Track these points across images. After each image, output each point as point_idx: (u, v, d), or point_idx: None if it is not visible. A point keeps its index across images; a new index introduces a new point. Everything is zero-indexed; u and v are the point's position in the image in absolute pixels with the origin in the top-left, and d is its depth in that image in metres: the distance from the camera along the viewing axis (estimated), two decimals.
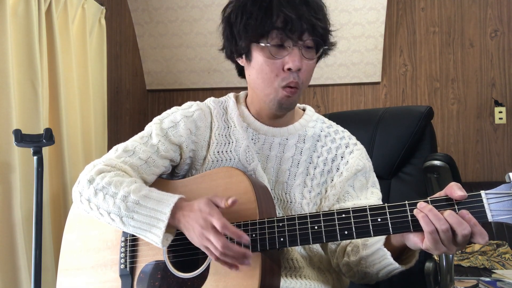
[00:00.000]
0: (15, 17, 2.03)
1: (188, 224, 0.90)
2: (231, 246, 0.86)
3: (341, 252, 1.06)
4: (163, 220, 0.91)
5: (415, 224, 0.82)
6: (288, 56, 1.00)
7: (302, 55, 1.01)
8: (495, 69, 3.06)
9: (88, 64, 2.56)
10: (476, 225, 0.77)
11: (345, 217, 0.87)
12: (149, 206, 0.93)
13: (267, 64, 1.01)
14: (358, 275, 1.02)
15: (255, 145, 1.11)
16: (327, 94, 3.28)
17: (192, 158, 1.11)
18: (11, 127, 1.90)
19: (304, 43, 1.01)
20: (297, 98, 1.06)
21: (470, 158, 3.08)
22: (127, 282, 1.04)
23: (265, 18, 0.98)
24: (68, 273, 1.14)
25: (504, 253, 2.48)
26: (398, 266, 0.92)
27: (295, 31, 0.98)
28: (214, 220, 0.87)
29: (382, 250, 0.92)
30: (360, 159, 1.11)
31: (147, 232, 0.94)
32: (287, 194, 1.08)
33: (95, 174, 1.02)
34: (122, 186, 0.97)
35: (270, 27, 0.98)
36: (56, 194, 2.30)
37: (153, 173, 1.07)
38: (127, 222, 0.95)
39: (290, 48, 1.00)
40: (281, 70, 1.01)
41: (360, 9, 3.02)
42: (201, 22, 3.16)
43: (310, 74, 1.06)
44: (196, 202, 0.92)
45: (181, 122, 1.10)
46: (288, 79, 1.01)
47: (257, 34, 1.00)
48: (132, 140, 1.10)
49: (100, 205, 0.98)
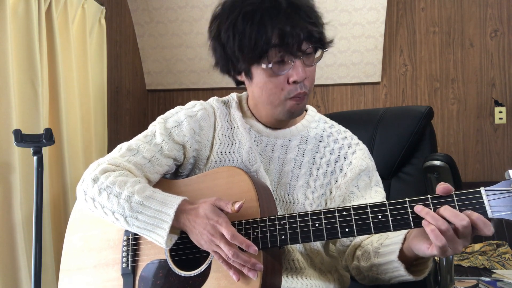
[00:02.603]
0: (15, 17, 2.02)
1: (195, 229, 0.91)
2: (241, 255, 0.87)
3: (350, 255, 1.06)
4: (167, 221, 0.92)
5: (415, 221, 0.82)
6: (292, 70, 0.98)
7: (304, 64, 0.99)
8: (495, 69, 3.06)
9: (88, 64, 2.55)
10: (478, 218, 0.76)
11: (345, 214, 0.87)
12: (153, 207, 0.94)
13: (271, 81, 0.99)
14: (368, 279, 1.02)
15: (257, 146, 1.11)
16: (327, 94, 3.28)
17: (195, 158, 1.11)
18: (11, 127, 1.90)
19: (304, 52, 0.98)
20: (306, 102, 1.05)
21: (470, 158, 3.08)
22: (129, 281, 1.05)
23: (259, 36, 0.94)
24: (70, 273, 1.14)
25: (504, 253, 2.48)
26: (411, 279, 0.91)
27: (294, 44, 0.95)
28: (223, 229, 0.88)
29: (397, 262, 0.91)
30: (363, 159, 1.11)
31: (151, 233, 0.94)
32: (289, 195, 1.08)
33: (99, 173, 1.02)
34: (126, 186, 0.97)
35: (267, 46, 0.95)
36: (56, 194, 2.30)
37: (156, 172, 1.07)
38: (131, 222, 0.96)
39: (292, 61, 0.98)
40: (286, 84, 0.99)
41: (360, 9, 3.01)
42: (201, 22, 3.16)
43: (314, 78, 1.05)
44: (201, 206, 0.92)
45: (184, 121, 1.09)
46: (295, 91, 1.00)
47: (256, 55, 0.96)
48: (136, 139, 1.10)
49: (104, 204, 0.98)
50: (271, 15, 0.94)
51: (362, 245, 1.04)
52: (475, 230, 0.77)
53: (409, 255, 0.90)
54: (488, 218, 0.78)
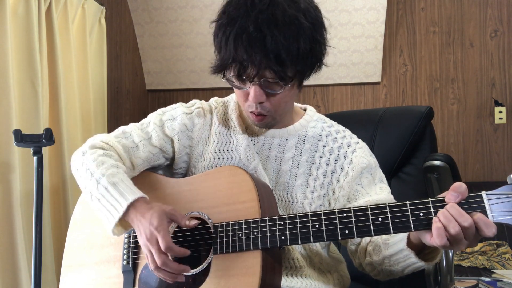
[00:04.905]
0: (15, 17, 2.03)
1: (138, 228, 0.96)
2: (170, 264, 0.92)
3: (362, 252, 1.06)
4: (119, 212, 0.96)
5: (416, 224, 0.82)
6: (250, 89, 0.98)
7: (264, 90, 0.97)
8: (495, 69, 3.06)
9: (88, 64, 2.56)
10: (479, 218, 0.77)
11: (346, 216, 0.87)
12: (113, 195, 0.98)
13: (237, 90, 1.04)
14: (383, 273, 1.02)
15: (254, 145, 1.11)
16: (327, 94, 3.28)
17: (189, 155, 1.14)
18: (11, 127, 1.90)
19: (264, 79, 0.95)
20: (272, 120, 1.05)
21: (470, 158, 3.08)
22: (129, 278, 1.05)
23: (224, 49, 0.95)
24: (72, 269, 1.15)
25: (504, 253, 2.48)
26: (423, 264, 0.92)
27: (249, 72, 0.94)
28: (160, 238, 0.92)
29: (406, 250, 0.92)
30: (363, 157, 1.11)
31: (105, 218, 0.99)
32: (288, 194, 1.09)
33: (88, 148, 1.10)
34: (102, 167, 1.02)
35: (227, 61, 0.96)
36: (56, 194, 2.30)
37: (139, 157, 1.12)
38: (94, 201, 1.01)
39: (250, 83, 0.97)
40: (246, 98, 1.00)
41: (360, 9, 3.02)
42: (201, 22, 3.16)
43: (282, 102, 1.02)
44: (152, 209, 0.95)
45: (178, 117, 1.15)
46: (252, 107, 1.01)
47: (220, 65, 0.98)
48: (133, 124, 1.18)
49: (82, 176, 1.06)
50: (238, 34, 0.92)
51: (372, 239, 1.04)
52: (477, 231, 0.78)
53: (417, 243, 0.90)
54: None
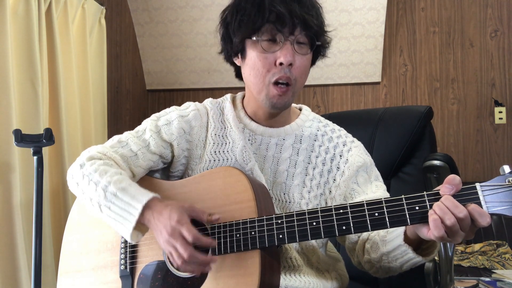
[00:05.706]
0: (15, 17, 2.03)
1: (157, 226, 0.93)
2: (198, 256, 0.89)
3: (360, 250, 1.07)
4: (134, 215, 0.93)
5: (412, 217, 0.83)
6: (280, 51, 1.01)
7: (295, 50, 1.02)
8: (495, 69, 3.06)
9: (88, 64, 2.56)
10: (473, 208, 0.77)
11: (342, 212, 0.88)
12: (125, 199, 0.96)
13: (260, 59, 1.02)
14: (381, 270, 1.02)
15: (252, 145, 1.11)
16: (327, 94, 3.28)
17: (187, 158, 1.13)
18: (11, 127, 1.90)
19: (296, 38, 1.01)
20: (290, 98, 1.05)
21: (470, 158, 3.08)
22: (127, 283, 1.04)
23: (257, 14, 1.00)
24: (69, 275, 1.14)
25: (504, 253, 2.48)
26: (421, 260, 0.92)
27: (286, 26, 0.99)
28: (184, 230, 0.89)
29: (404, 246, 0.92)
30: (359, 156, 1.12)
31: (120, 224, 0.96)
32: (285, 194, 1.09)
33: (86, 160, 1.06)
34: (106, 176, 1.00)
35: (261, 22, 1.00)
36: (56, 194, 2.30)
37: (140, 166, 1.10)
38: (104, 211, 0.98)
39: (282, 42, 1.01)
40: (273, 65, 1.02)
41: (360, 9, 3.02)
42: (201, 22, 3.16)
43: (304, 72, 1.06)
44: (169, 206, 0.94)
45: (175, 121, 1.12)
46: (279, 73, 1.01)
47: (250, 29, 1.01)
48: (128, 132, 1.15)
49: (85, 190, 1.02)
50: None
51: (369, 237, 1.05)
52: (472, 222, 0.78)
53: (414, 238, 0.91)
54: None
